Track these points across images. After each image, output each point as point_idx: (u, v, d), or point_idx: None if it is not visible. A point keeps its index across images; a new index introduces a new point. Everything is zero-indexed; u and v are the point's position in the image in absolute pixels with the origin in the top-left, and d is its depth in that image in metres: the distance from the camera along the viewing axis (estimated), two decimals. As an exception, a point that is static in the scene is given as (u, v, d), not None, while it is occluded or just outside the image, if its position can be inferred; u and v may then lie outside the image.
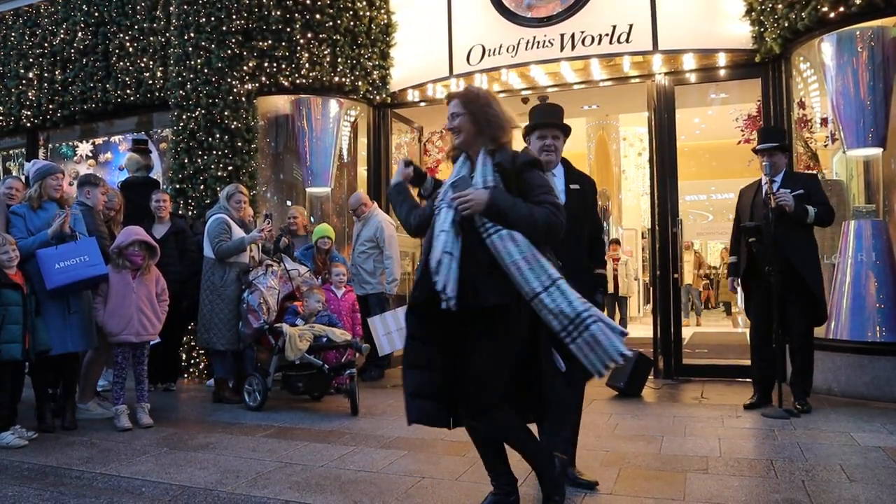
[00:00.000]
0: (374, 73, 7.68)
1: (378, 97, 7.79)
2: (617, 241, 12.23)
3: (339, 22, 7.36)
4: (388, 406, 5.55)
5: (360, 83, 7.52)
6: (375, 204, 7.12)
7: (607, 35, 6.74)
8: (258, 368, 5.66)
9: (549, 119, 3.71)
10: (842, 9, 5.53)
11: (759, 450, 4.13)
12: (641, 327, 12.34)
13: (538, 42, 6.98)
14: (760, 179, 5.39)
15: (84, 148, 9.28)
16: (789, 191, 5.03)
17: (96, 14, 8.48)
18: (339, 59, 7.40)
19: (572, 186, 3.71)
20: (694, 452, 4.03)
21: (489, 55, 7.23)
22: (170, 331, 5.87)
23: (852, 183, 6.22)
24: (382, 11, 7.78)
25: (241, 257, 5.84)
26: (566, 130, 3.70)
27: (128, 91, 8.20)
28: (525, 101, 8.01)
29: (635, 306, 14.53)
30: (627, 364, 5.93)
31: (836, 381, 5.66)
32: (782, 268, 4.99)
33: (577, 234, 3.61)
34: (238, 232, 5.85)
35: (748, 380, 5.67)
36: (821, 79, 6.09)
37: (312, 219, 7.96)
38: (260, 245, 6.01)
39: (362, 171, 8.17)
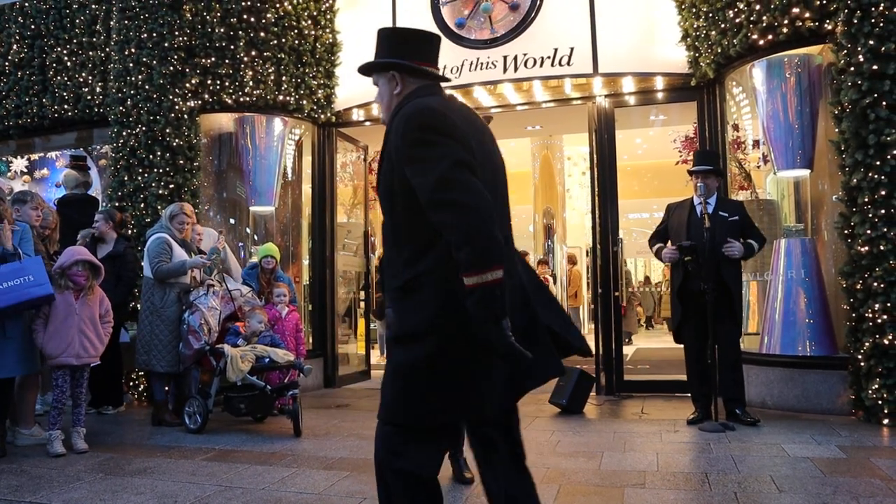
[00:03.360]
0: (319, 91, 7.66)
1: (323, 116, 7.78)
2: (545, 262, 12.34)
3: (283, 40, 7.34)
4: (331, 427, 5.51)
5: (304, 102, 7.50)
6: None
7: (549, 57, 6.88)
8: (199, 390, 5.56)
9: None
10: (770, 37, 5.78)
11: (695, 463, 4.24)
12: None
13: (482, 63, 7.09)
14: (692, 199, 5.56)
15: (19, 164, 9.03)
16: (738, 243, 5.22)
17: (32, 27, 8.26)
18: (284, 78, 7.37)
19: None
20: (632, 467, 4.12)
21: (434, 75, 7.28)
22: (108, 354, 5.70)
23: (783, 203, 6.47)
24: (328, 31, 7.78)
25: (182, 277, 5.74)
26: (380, 67, 2.48)
27: (65, 106, 8.00)
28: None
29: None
30: (570, 381, 6.02)
31: (770, 395, 5.85)
32: (716, 286, 5.16)
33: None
34: (180, 252, 5.74)
35: (688, 395, 5.81)
36: (752, 103, 6.34)
37: (256, 237, 7.87)
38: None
39: (307, 189, 8.12)
